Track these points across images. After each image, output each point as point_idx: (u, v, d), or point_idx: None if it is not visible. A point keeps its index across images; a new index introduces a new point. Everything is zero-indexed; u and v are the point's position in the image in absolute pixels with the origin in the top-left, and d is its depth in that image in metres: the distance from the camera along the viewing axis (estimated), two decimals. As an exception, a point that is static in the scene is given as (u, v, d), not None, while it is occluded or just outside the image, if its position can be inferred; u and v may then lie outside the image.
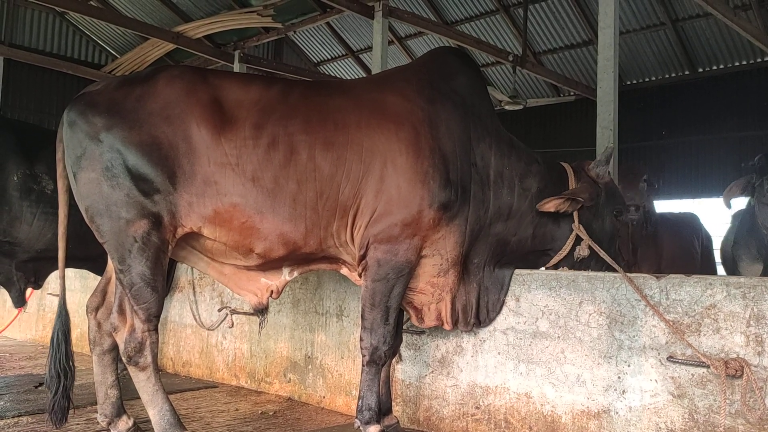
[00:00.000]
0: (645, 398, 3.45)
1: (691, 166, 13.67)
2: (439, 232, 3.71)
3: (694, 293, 3.33)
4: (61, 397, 3.74)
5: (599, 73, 6.53)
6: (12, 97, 12.85)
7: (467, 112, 3.93)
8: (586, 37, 13.38)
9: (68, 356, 3.82)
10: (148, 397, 3.66)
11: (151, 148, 3.50)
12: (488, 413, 4.04)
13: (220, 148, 3.53)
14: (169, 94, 3.61)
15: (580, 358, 3.70)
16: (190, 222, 3.59)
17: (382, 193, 3.63)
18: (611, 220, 4.34)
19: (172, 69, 3.87)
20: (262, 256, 3.71)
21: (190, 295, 6.25)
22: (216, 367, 5.93)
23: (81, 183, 3.57)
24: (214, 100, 3.62)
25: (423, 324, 4.04)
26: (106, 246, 3.60)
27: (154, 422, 3.65)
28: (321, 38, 15.56)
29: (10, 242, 5.22)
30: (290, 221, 3.61)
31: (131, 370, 3.65)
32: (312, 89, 3.95)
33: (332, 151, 3.62)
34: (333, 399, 4.92)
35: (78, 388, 5.20)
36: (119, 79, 3.85)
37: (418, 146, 3.67)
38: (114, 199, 3.49)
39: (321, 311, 5.11)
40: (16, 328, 8.49)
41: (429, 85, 3.93)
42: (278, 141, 3.59)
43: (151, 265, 3.52)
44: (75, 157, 3.58)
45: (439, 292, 3.90)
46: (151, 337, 3.63)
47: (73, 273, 7.24)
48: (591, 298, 3.68)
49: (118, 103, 3.59)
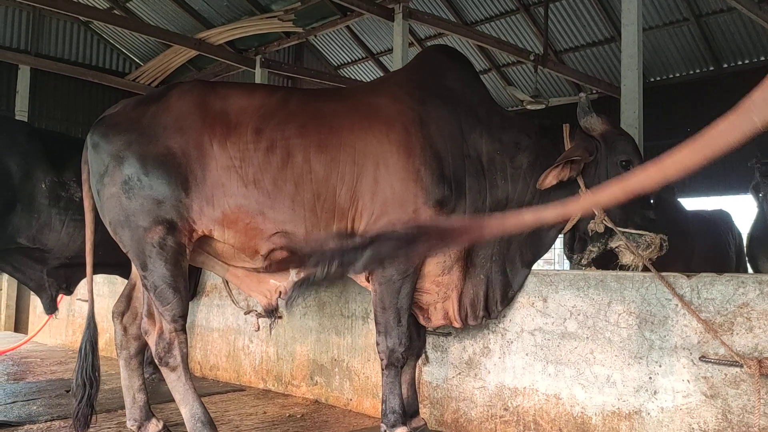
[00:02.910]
0: (677, 399, 3.40)
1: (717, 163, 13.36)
2: None
3: (726, 292, 3.28)
4: (85, 406, 3.89)
5: (623, 70, 6.46)
6: (39, 106, 13.04)
7: (457, 106, 3.95)
8: (608, 34, 13.23)
9: (94, 367, 3.97)
10: (180, 397, 3.77)
11: (166, 158, 3.70)
12: (517, 415, 4.02)
13: (225, 153, 3.71)
14: (181, 107, 3.83)
15: (609, 359, 3.66)
16: (202, 225, 3.75)
17: (378, 194, 3.69)
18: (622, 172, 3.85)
19: (183, 84, 4.08)
20: (266, 257, 3.81)
21: (215, 299, 6.30)
22: (243, 370, 5.96)
23: (104, 198, 3.79)
24: (222, 109, 3.82)
25: (430, 324, 4.06)
26: (129, 255, 3.79)
27: (186, 420, 3.74)
28: (341, 42, 15.59)
29: (40, 249, 5.30)
30: (290, 222, 3.73)
31: (163, 371, 3.78)
32: (311, 95, 4.10)
33: (326, 153, 3.72)
34: (360, 401, 4.92)
35: (108, 392, 5.29)
36: (135, 100, 4.07)
37: (409, 146, 3.72)
38: (132, 210, 3.68)
39: (347, 314, 5.12)
40: (46, 333, 8.62)
41: (418, 85, 4.00)
42: (276, 144, 3.73)
43: (171, 267, 3.70)
44: (98, 176, 3.81)
45: (444, 291, 3.90)
46: (179, 337, 3.78)
47: (102, 278, 7.34)
48: (620, 297, 3.64)
49: (135, 121, 3.83)
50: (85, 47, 14.16)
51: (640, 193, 1.61)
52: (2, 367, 6.76)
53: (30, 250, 5.34)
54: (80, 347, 4.00)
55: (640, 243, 3.77)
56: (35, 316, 9.03)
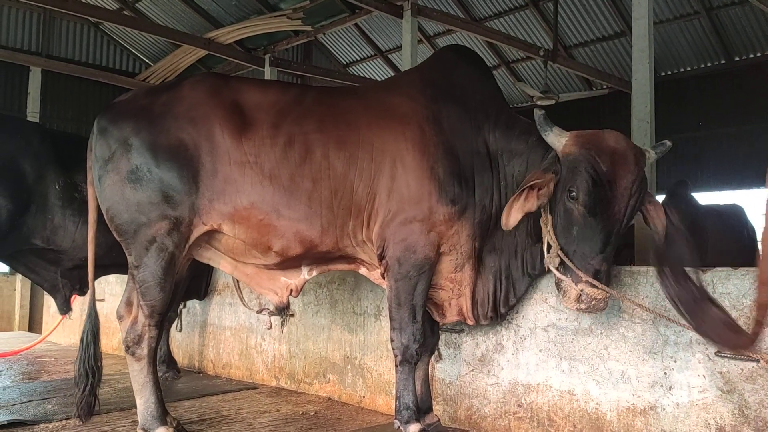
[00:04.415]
0: (693, 394, 3.38)
1: (729, 157, 13.33)
2: (452, 227, 3.71)
3: (742, 286, 3.25)
4: (88, 395, 3.95)
5: (634, 64, 6.42)
6: (50, 108, 13.13)
7: (468, 104, 3.92)
8: (618, 28, 13.16)
9: (96, 357, 4.01)
10: (138, 387, 3.83)
11: (177, 149, 3.68)
12: (531, 411, 4.00)
13: (240, 148, 3.70)
14: (194, 98, 3.81)
15: (624, 354, 3.64)
16: (210, 219, 3.74)
17: (394, 191, 3.69)
18: (569, 206, 3.34)
19: (196, 76, 4.09)
20: (279, 254, 3.82)
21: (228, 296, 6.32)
22: (256, 368, 5.98)
23: (105, 185, 3.76)
24: (235, 103, 3.81)
25: (445, 320, 4.05)
26: (123, 244, 3.78)
27: (139, 411, 3.83)
28: (350, 39, 15.58)
29: (54, 250, 5.33)
30: (306, 219, 3.72)
31: (128, 359, 3.84)
32: (325, 92, 4.11)
33: (345, 149, 3.72)
34: (373, 399, 4.92)
35: (123, 390, 5.31)
36: (147, 88, 4.10)
37: (424, 144, 3.71)
38: (136, 201, 3.67)
39: (359, 311, 5.12)
40: (60, 333, 8.68)
41: (431, 84, 3.99)
42: (294, 140, 3.72)
43: (165, 265, 3.72)
44: (102, 161, 3.77)
45: (458, 287, 3.89)
46: (151, 332, 3.81)
47: (115, 278, 7.38)
48: (634, 293, 3.62)
49: (145, 109, 3.80)
50: (95, 48, 14.23)
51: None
52: (17, 366, 6.82)
53: (44, 251, 5.37)
54: (81, 338, 4.03)
55: (560, 286, 3.44)
56: (49, 316, 9.09)
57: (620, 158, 3.29)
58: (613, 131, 3.47)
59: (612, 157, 3.28)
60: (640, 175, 3.32)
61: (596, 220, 3.28)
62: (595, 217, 3.28)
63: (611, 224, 3.30)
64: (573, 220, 3.35)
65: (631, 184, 3.27)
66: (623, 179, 3.26)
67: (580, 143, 3.37)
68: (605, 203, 3.27)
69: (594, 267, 3.29)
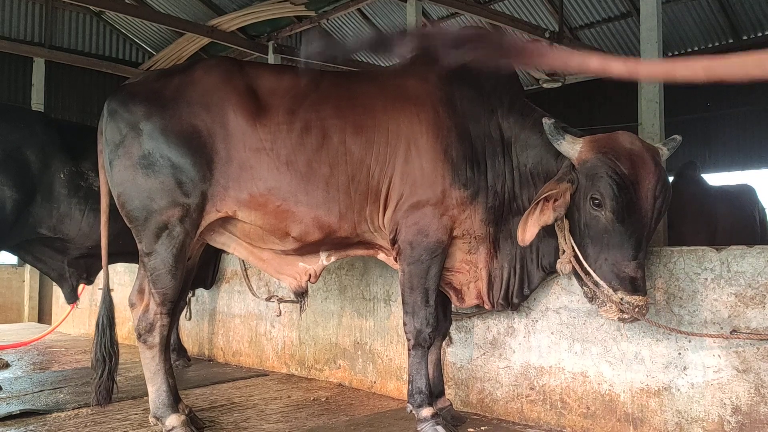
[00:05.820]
0: (708, 374, 3.34)
1: (739, 137, 13.22)
2: (465, 211, 3.66)
3: (758, 264, 3.21)
4: (106, 379, 3.96)
5: (642, 44, 6.33)
6: (54, 99, 13.10)
7: (481, 88, 3.84)
8: (624, 9, 13.00)
9: (113, 341, 4.02)
10: (150, 375, 3.81)
11: (191, 136, 3.63)
12: (543, 394, 3.98)
13: (255, 134, 3.65)
14: (208, 82, 3.75)
15: (637, 335, 3.61)
16: (225, 206, 3.71)
17: (408, 175, 3.64)
18: (594, 215, 3.22)
19: (209, 60, 4.01)
20: (298, 239, 3.80)
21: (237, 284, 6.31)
22: (266, 355, 5.97)
23: (116, 170, 3.71)
24: (250, 88, 3.75)
25: (464, 303, 3.98)
26: (134, 230, 3.74)
27: (151, 399, 3.80)
28: (353, 25, 15.47)
29: (61, 239, 5.32)
30: (324, 205, 3.68)
31: (140, 347, 3.81)
32: (341, 77, 4.05)
33: (362, 134, 3.68)
34: (384, 384, 4.91)
35: (134, 379, 5.32)
36: (159, 71, 4.00)
37: (438, 126, 3.66)
38: (147, 188, 3.62)
39: (368, 297, 5.09)
40: (69, 323, 8.71)
41: (444, 65, 3.88)
42: (311, 125, 3.67)
43: (176, 253, 3.68)
44: (113, 145, 3.71)
45: (474, 270, 3.84)
46: (162, 320, 3.77)
47: (123, 268, 7.38)
48: (647, 273, 3.57)
49: (157, 92, 3.74)
50: (98, 38, 14.16)
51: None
52: (28, 357, 6.84)
53: (51, 240, 5.36)
54: (97, 323, 4.03)
55: (597, 294, 3.25)
56: (58, 307, 9.12)
57: (639, 159, 3.20)
58: (625, 132, 3.35)
59: (631, 159, 3.19)
60: (663, 176, 3.22)
61: (625, 226, 3.15)
62: (623, 222, 3.15)
63: (641, 228, 3.18)
64: (600, 228, 3.21)
65: (655, 183, 3.17)
66: (646, 179, 3.16)
67: (597, 148, 3.26)
68: (632, 206, 3.16)
69: (629, 275, 3.14)
